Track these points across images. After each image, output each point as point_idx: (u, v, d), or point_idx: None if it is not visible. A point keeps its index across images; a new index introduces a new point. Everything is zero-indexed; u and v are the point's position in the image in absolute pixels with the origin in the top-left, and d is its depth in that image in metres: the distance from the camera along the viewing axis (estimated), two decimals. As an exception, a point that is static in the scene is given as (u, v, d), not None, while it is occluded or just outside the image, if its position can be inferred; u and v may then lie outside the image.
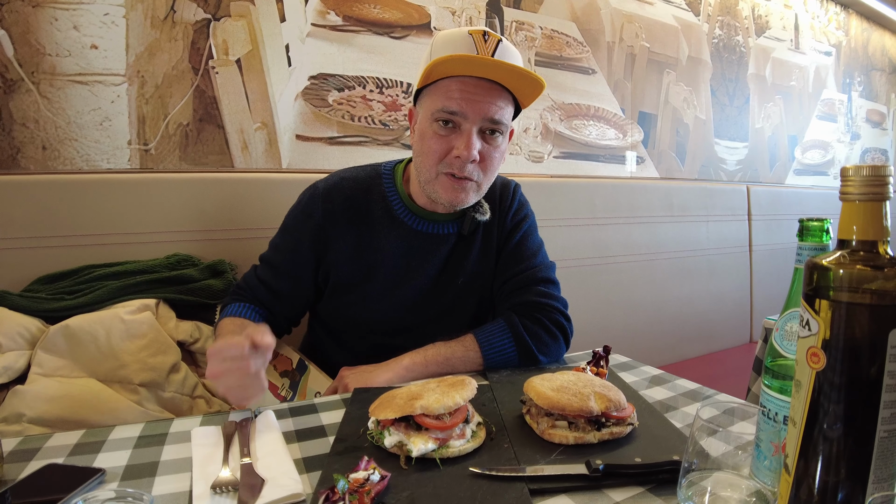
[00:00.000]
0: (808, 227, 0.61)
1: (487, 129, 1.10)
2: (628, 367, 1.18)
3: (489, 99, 1.07)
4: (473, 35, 1.06)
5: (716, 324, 2.79)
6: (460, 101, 1.06)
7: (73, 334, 1.16)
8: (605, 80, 2.56)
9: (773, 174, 3.43)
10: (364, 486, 0.60)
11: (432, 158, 1.11)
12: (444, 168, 1.11)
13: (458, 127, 1.09)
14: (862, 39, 3.97)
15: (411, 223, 1.22)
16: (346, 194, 1.22)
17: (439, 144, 1.10)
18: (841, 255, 0.50)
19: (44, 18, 1.43)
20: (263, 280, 1.23)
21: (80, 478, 0.69)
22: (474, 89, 1.06)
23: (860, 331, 0.48)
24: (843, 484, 0.50)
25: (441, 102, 1.07)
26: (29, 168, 1.44)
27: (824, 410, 0.50)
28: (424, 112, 1.12)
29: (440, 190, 1.13)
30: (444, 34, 1.11)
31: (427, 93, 1.12)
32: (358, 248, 1.22)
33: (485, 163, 1.12)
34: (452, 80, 1.07)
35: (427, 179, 1.14)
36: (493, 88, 1.08)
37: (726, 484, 0.62)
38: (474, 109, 1.07)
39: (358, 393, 0.98)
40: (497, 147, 1.13)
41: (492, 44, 1.06)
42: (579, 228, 2.25)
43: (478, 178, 1.13)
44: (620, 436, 0.80)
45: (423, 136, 1.12)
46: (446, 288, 1.26)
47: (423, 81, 1.10)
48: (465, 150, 1.07)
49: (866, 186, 0.48)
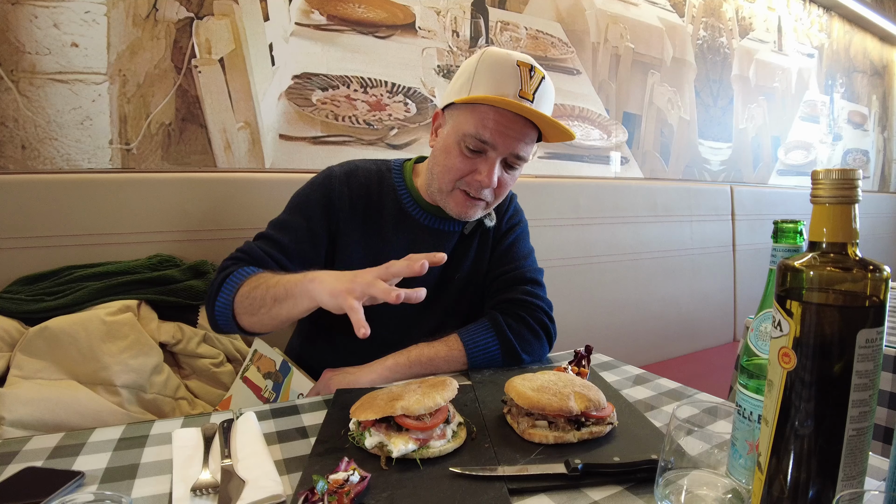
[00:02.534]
0: (782, 229, 0.61)
1: (510, 161, 1.15)
2: (610, 366, 1.19)
3: (520, 136, 1.11)
4: (521, 67, 1.09)
5: (699, 323, 2.81)
6: (494, 132, 1.09)
7: (54, 336, 1.15)
8: (590, 81, 2.57)
9: (757, 174, 3.47)
10: (343, 487, 0.60)
11: (453, 174, 1.15)
12: (462, 185, 1.16)
13: (484, 153, 1.12)
14: (844, 42, 4.02)
15: (420, 218, 1.26)
16: (361, 182, 1.25)
17: (464, 164, 1.13)
18: (812, 257, 0.51)
19: (23, 16, 1.41)
20: (272, 255, 1.16)
21: (59, 481, 0.68)
22: (509, 123, 1.10)
23: (829, 331, 0.49)
24: (813, 481, 0.51)
25: (475, 128, 1.10)
26: (8, 168, 1.43)
27: (795, 409, 0.51)
28: (455, 128, 1.14)
29: (452, 203, 1.18)
30: (493, 55, 1.12)
31: (463, 109, 1.13)
32: (366, 238, 1.23)
33: (500, 189, 1.18)
34: (490, 108, 1.09)
35: (442, 190, 1.18)
36: (525, 125, 1.12)
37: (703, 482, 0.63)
38: (505, 143, 1.11)
39: (340, 394, 0.97)
40: (514, 177, 1.19)
41: (536, 81, 1.10)
42: (564, 228, 2.26)
43: (489, 199, 1.18)
44: (600, 435, 0.81)
45: (449, 151, 1.15)
46: (446, 285, 1.28)
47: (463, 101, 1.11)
48: (487, 178, 1.12)
49: (836, 189, 0.49)
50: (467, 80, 1.11)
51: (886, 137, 4.55)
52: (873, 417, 0.50)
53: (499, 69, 1.09)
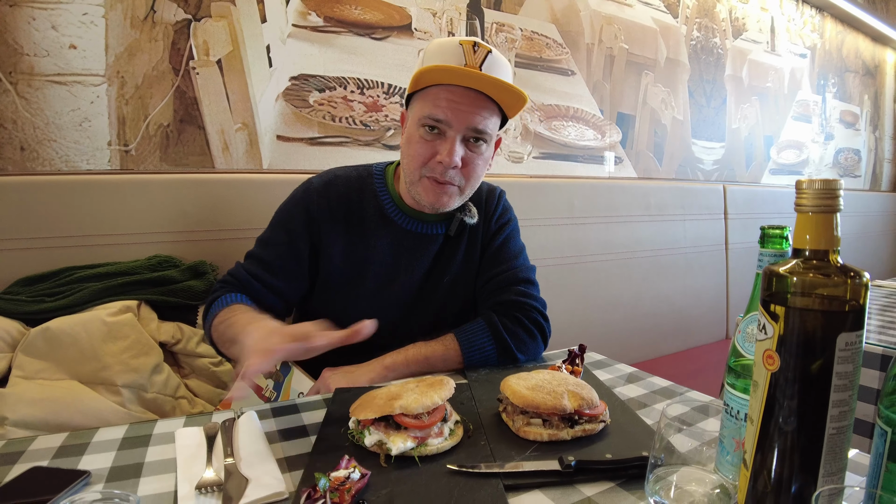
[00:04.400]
0: (769, 234, 0.64)
1: (471, 137, 1.14)
2: (603, 364, 1.21)
3: (474, 109, 1.11)
4: (464, 45, 1.10)
5: (692, 320, 2.84)
6: (446, 109, 1.10)
7: (55, 336, 1.16)
8: (585, 82, 2.59)
9: (749, 174, 3.50)
10: (345, 485, 0.62)
11: (416, 161, 1.15)
12: (427, 172, 1.15)
13: (443, 134, 1.13)
14: (836, 42, 4.05)
15: (402, 223, 1.26)
16: (341, 191, 1.26)
17: (424, 149, 1.14)
18: (795, 263, 0.53)
19: (21, 18, 1.42)
20: (256, 275, 1.21)
21: (66, 480, 0.69)
22: (460, 99, 1.10)
23: (811, 334, 0.51)
24: (795, 477, 0.53)
25: (428, 109, 1.11)
26: (7, 169, 1.43)
27: (779, 408, 0.53)
28: (413, 117, 1.16)
29: (422, 192, 1.17)
30: (437, 43, 1.14)
31: (417, 98, 1.16)
32: (350, 245, 1.24)
33: (467, 168, 1.16)
34: (441, 88, 1.11)
35: (411, 181, 1.19)
36: (478, 98, 1.11)
37: (692, 478, 0.65)
38: (458, 118, 1.11)
39: (339, 393, 0.99)
40: (480, 155, 1.17)
41: (480, 55, 1.10)
42: (558, 228, 2.29)
43: (460, 182, 1.17)
44: (593, 433, 0.83)
45: (410, 139, 1.16)
46: (434, 287, 1.29)
47: (412, 87, 1.14)
48: (447, 157, 1.12)
49: (819, 199, 0.51)
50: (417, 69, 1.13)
51: (878, 137, 4.59)
52: (853, 416, 0.52)
53: (442, 52, 1.11)
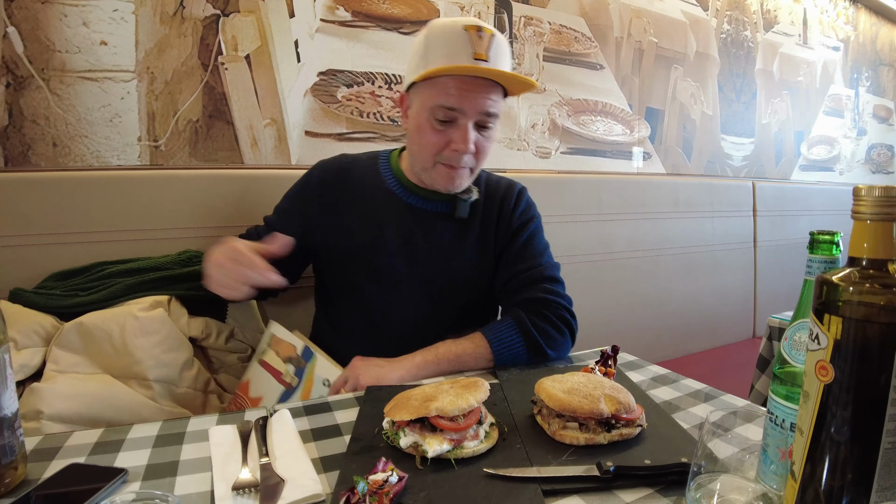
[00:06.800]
0: (819, 240, 0.62)
1: (482, 122, 1.16)
2: (635, 366, 1.19)
3: (484, 94, 1.13)
4: (469, 31, 1.10)
5: (719, 319, 2.80)
6: (458, 98, 1.11)
7: (88, 331, 1.17)
8: (613, 76, 2.56)
9: (779, 170, 3.43)
10: (383, 488, 0.62)
11: (430, 150, 1.17)
12: (442, 159, 1.18)
13: (455, 121, 1.14)
14: (870, 34, 3.95)
15: (404, 197, 1.29)
16: (344, 167, 1.32)
17: (438, 138, 1.16)
18: (851, 273, 0.51)
19: (53, 15, 1.44)
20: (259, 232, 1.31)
21: (104, 478, 0.70)
22: (471, 86, 1.12)
23: (868, 347, 0.49)
24: (847, 492, 0.52)
25: (440, 98, 1.12)
26: (40, 165, 1.45)
27: (832, 421, 0.51)
28: (421, 105, 1.16)
29: (437, 178, 1.21)
30: (440, 26, 1.14)
31: (423, 86, 1.16)
32: (352, 218, 1.28)
33: (479, 152, 1.20)
34: (450, 77, 1.11)
35: (424, 168, 1.21)
36: (487, 83, 1.13)
37: (733, 487, 0.64)
38: (472, 105, 1.13)
39: (371, 391, 1.00)
40: (490, 137, 1.20)
41: (486, 40, 1.11)
42: (586, 224, 2.26)
43: (472, 165, 1.21)
44: (630, 437, 0.82)
45: (421, 129, 1.17)
46: (438, 267, 1.29)
47: (422, 78, 1.14)
48: (464, 145, 1.14)
49: (878, 207, 0.49)
50: (422, 58, 1.14)
51: (912, 132, 4.47)
52: (910, 430, 0.51)
53: (449, 38, 1.11)
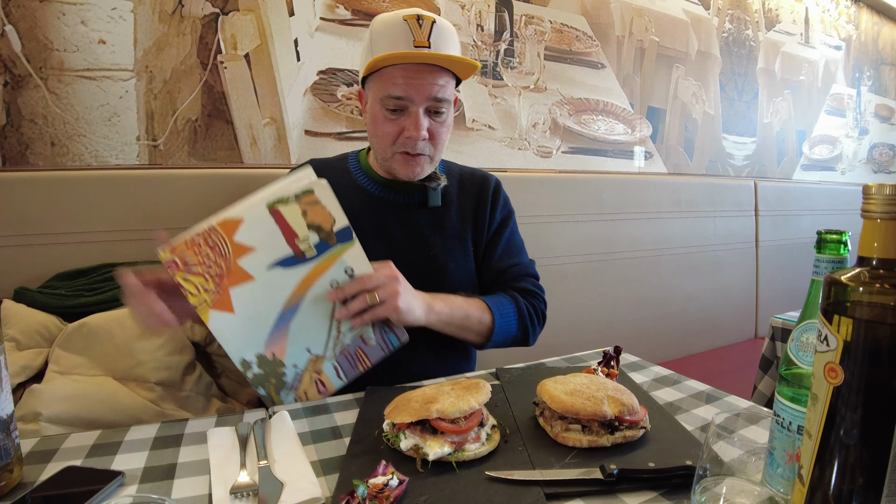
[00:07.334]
0: (826, 240, 0.61)
1: (433, 107, 1.17)
2: (637, 367, 1.18)
3: (430, 80, 1.14)
4: (408, 20, 1.12)
5: (721, 319, 2.79)
6: (405, 86, 1.13)
7: (91, 332, 1.17)
8: (615, 75, 2.55)
9: (781, 169, 3.42)
10: (383, 492, 0.61)
11: (386, 140, 1.19)
12: (399, 148, 1.19)
13: (406, 110, 1.16)
14: (872, 33, 3.93)
15: (375, 192, 1.30)
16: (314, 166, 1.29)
17: (391, 127, 1.17)
18: (861, 273, 0.50)
19: (51, 13, 1.43)
20: None
21: (100, 480, 0.69)
22: (416, 73, 1.13)
23: (879, 348, 0.48)
24: (856, 496, 0.50)
25: (387, 89, 1.14)
26: (38, 164, 1.45)
27: (841, 424, 0.50)
28: (373, 97, 1.19)
29: (397, 167, 1.22)
30: (381, 21, 1.16)
31: (373, 79, 1.18)
32: None
33: (434, 138, 1.20)
34: (395, 67, 1.13)
35: (384, 158, 1.23)
36: (433, 70, 1.15)
37: (739, 490, 0.63)
38: (419, 92, 1.14)
39: (370, 393, 0.99)
40: (444, 122, 1.21)
41: (426, 27, 1.13)
42: (587, 224, 2.25)
43: (429, 152, 1.21)
44: (633, 439, 0.81)
45: (375, 120, 1.19)
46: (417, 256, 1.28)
47: (367, 71, 1.16)
48: (415, 131, 1.15)
49: (888, 205, 0.48)
50: (368, 51, 1.16)
51: (914, 131, 4.46)
52: (922, 434, 0.50)
53: (389, 30, 1.13)
